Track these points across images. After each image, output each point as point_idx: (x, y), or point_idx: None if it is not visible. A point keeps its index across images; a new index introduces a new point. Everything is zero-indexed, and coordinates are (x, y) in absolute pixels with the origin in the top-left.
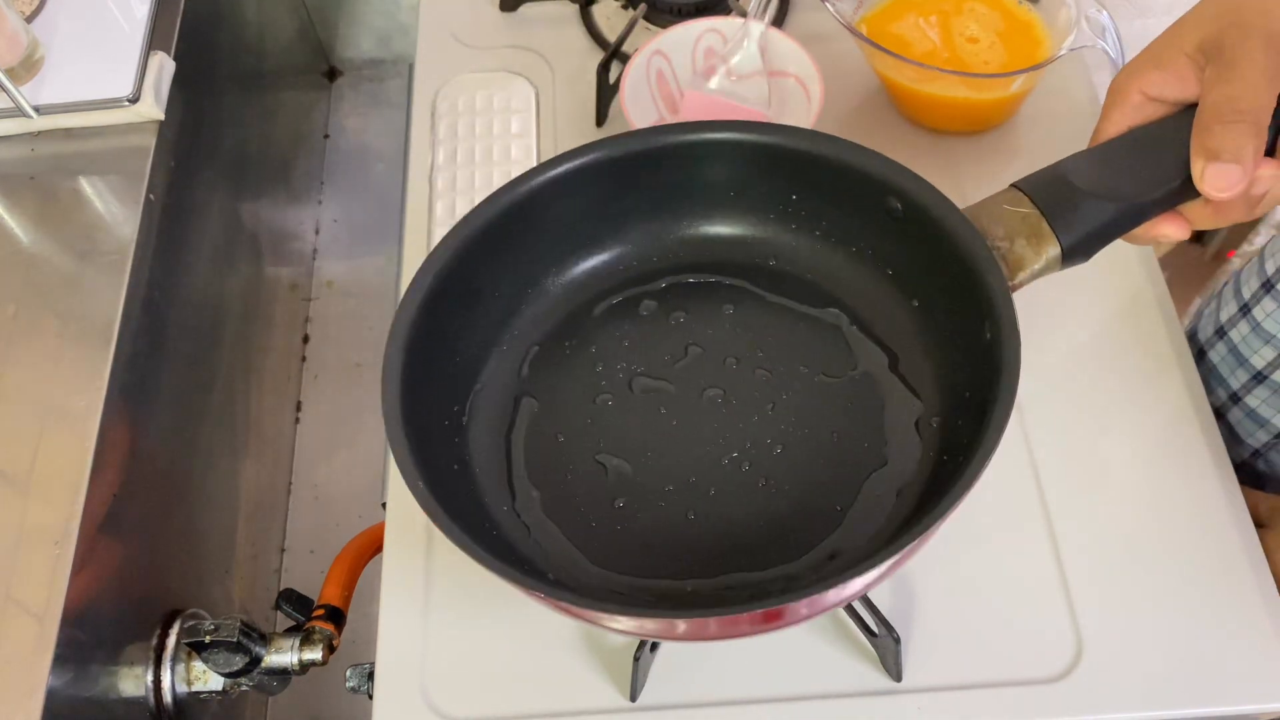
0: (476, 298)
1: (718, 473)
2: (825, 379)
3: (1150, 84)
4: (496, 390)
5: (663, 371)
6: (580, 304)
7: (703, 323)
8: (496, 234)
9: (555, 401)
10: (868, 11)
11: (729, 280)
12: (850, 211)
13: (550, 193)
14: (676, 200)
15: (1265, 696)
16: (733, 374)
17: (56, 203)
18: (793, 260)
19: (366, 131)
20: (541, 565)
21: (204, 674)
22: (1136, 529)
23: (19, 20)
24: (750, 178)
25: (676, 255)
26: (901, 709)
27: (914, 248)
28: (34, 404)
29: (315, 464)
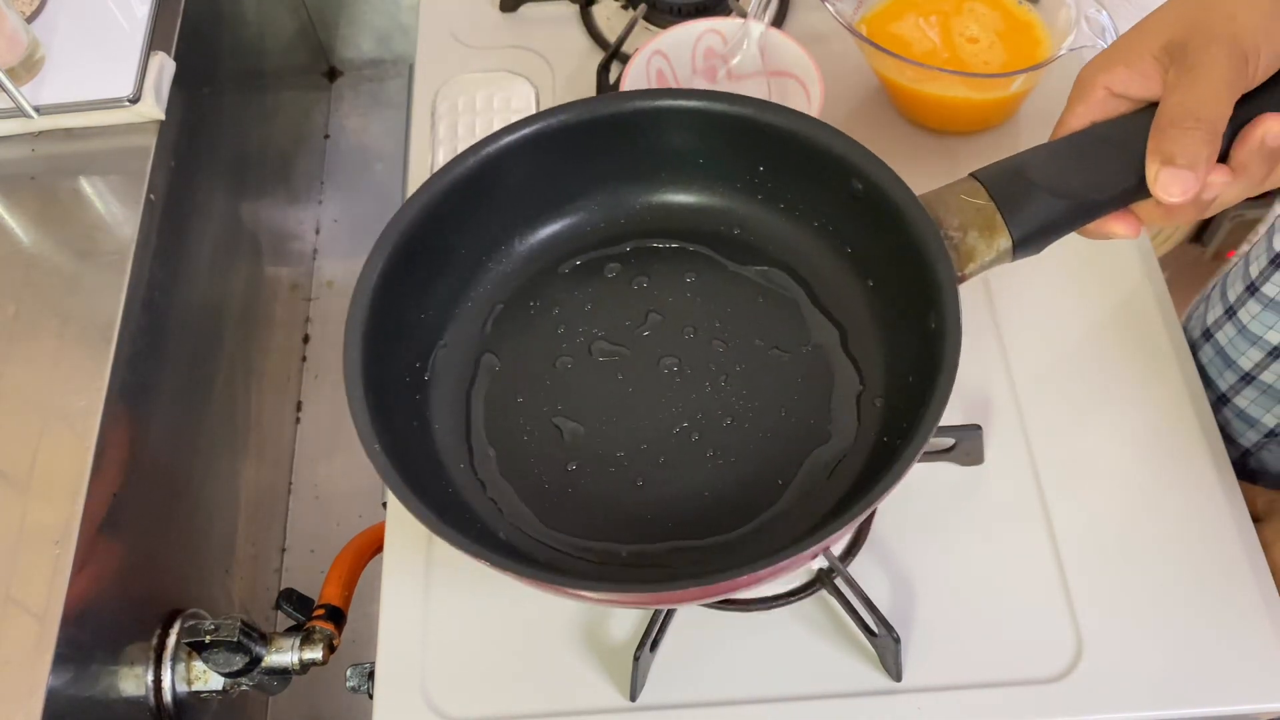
0: (443, 256)
1: (668, 441)
2: (778, 353)
3: (1115, 80)
4: (459, 348)
5: (623, 337)
6: (546, 264)
7: (664, 289)
8: (463, 194)
9: (516, 361)
10: (868, 11)
11: (692, 247)
12: (815, 188)
13: (517, 155)
14: (645, 166)
15: (1265, 696)
16: (690, 344)
17: (57, 203)
18: (756, 231)
19: (367, 131)
20: (494, 524)
21: (204, 674)
22: (1136, 529)
23: (19, 20)
24: (718, 148)
25: (643, 220)
26: (901, 709)
27: (873, 229)
28: (34, 404)
29: (315, 464)
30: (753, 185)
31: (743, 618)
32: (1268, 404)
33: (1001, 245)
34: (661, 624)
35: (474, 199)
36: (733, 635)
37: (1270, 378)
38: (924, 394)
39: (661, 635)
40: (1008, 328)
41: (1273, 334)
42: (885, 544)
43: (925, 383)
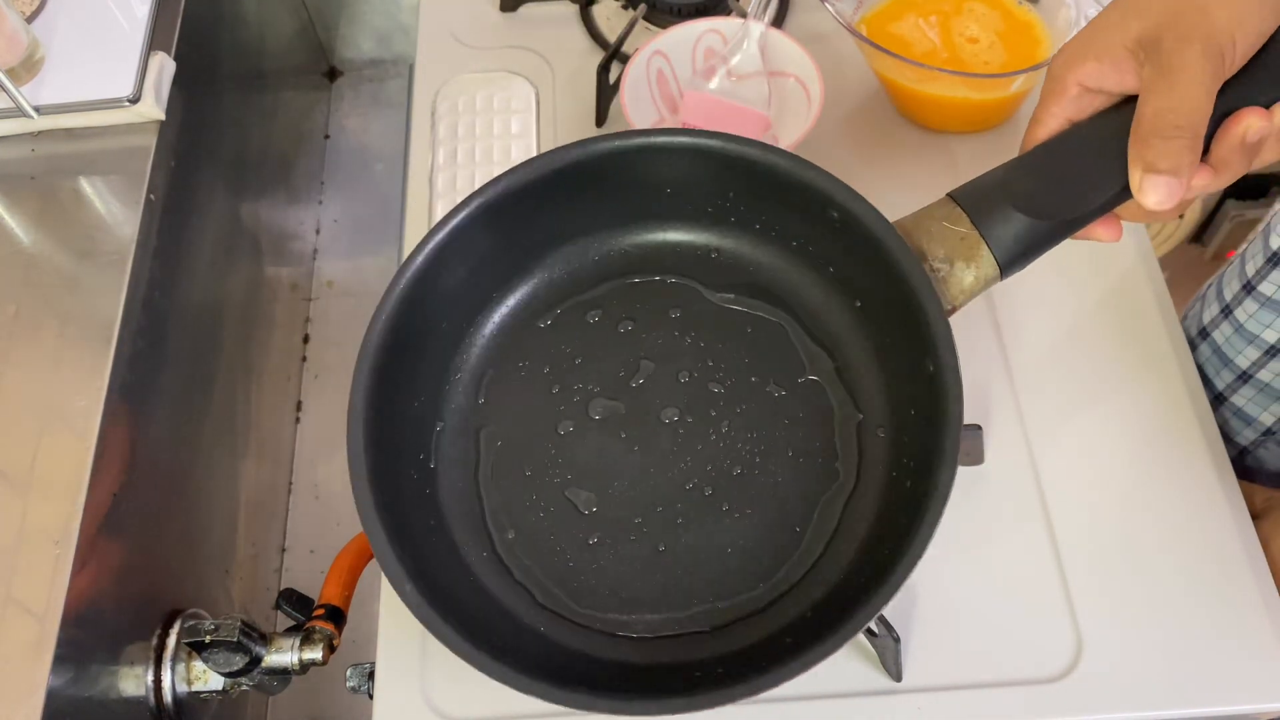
0: (426, 339)
1: (683, 500)
2: (776, 389)
3: (1088, 76)
4: (458, 427)
5: (618, 390)
6: (527, 321)
7: (650, 329)
8: (433, 278)
9: (516, 431)
10: (867, 12)
11: (672, 279)
12: (789, 212)
13: (476, 227)
14: (609, 211)
15: (1265, 696)
16: (686, 390)
17: (57, 203)
18: (733, 253)
19: (367, 132)
20: (530, 617)
21: (204, 674)
22: (1136, 529)
23: (19, 20)
24: (687, 181)
25: (615, 262)
26: (901, 709)
27: (854, 254)
28: (34, 404)
29: (315, 463)
30: (724, 210)
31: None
32: (1265, 402)
33: (988, 274)
34: None
35: (444, 278)
36: None
37: (1267, 376)
38: (931, 450)
39: None
40: (1008, 328)
41: (1270, 333)
42: None
43: (930, 430)
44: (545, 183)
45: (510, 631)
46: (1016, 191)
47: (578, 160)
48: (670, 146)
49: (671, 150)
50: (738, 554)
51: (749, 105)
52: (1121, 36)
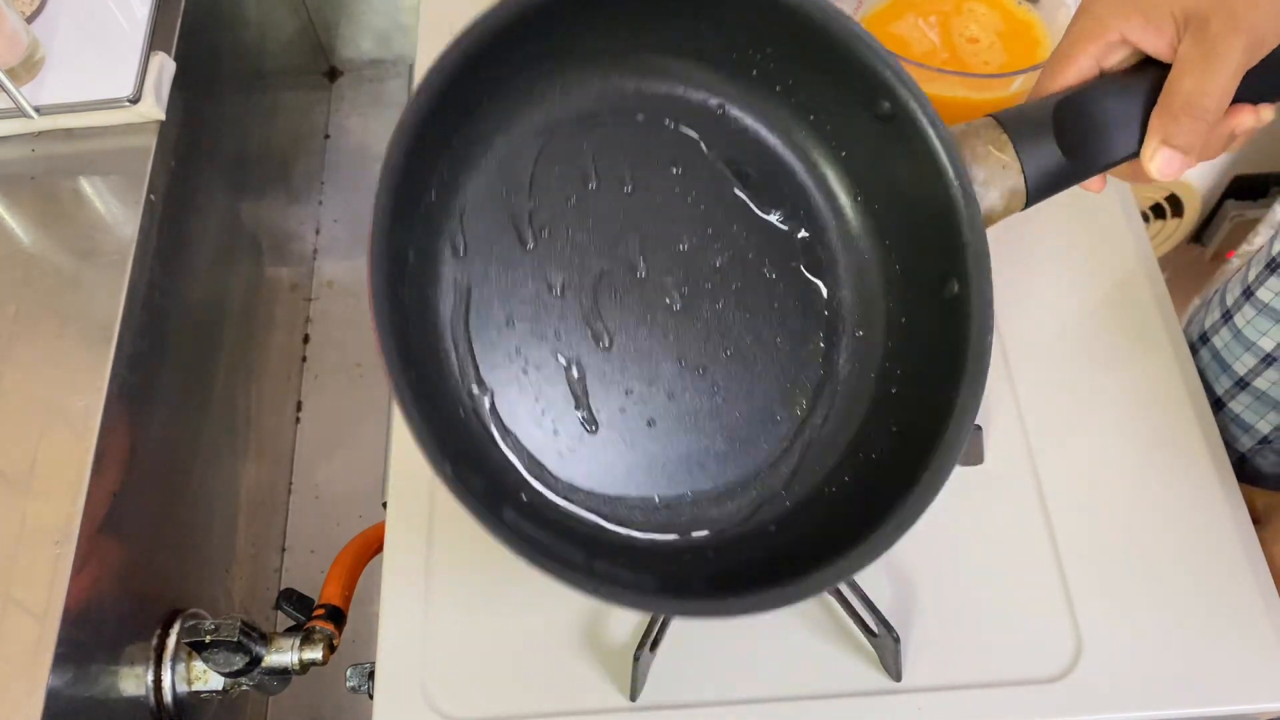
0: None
1: (674, 376)
2: (770, 274)
3: (1132, 30)
4: (433, 272)
5: (612, 252)
6: (520, 148)
7: (651, 185)
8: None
9: (501, 282)
10: (867, 12)
11: (678, 125)
12: (829, 89)
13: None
14: (629, 33)
15: (1265, 696)
16: (685, 260)
17: (57, 203)
18: (741, 120)
19: (367, 132)
20: (512, 480)
21: (204, 673)
22: (1136, 529)
23: (19, 20)
24: (741, 29)
25: (631, 100)
26: (901, 709)
27: (887, 150)
28: (34, 404)
29: (315, 463)
30: (748, 63)
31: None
32: (1262, 410)
33: (1016, 205)
34: (662, 624)
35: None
36: (733, 635)
37: (1264, 384)
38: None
39: (662, 635)
40: (1008, 327)
41: (1266, 340)
42: None
43: (942, 356)
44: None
45: (501, 495)
46: (1060, 130)
47: None
48: None
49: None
50: (725, 440)
51: None
52: (1171, 4)
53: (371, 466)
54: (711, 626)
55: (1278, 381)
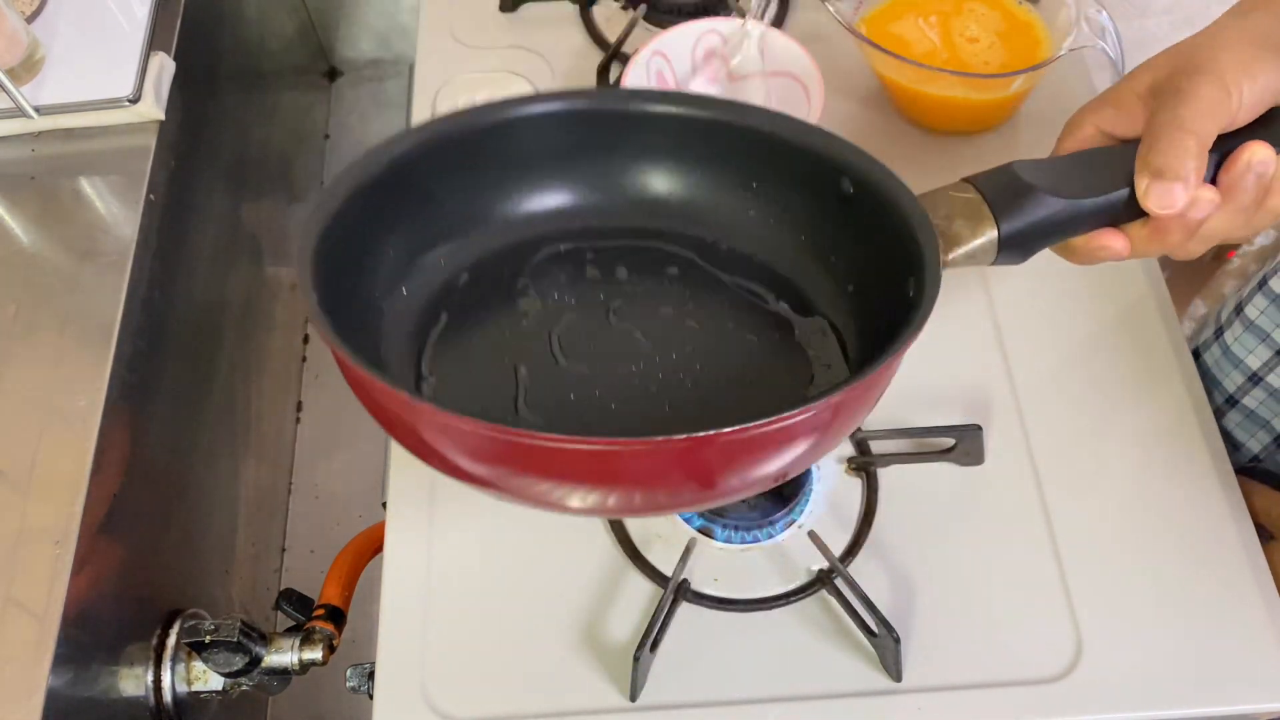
0: (426, 198)
1: (624, 391)
2: (746, 336)
3: (1104, 120)
4: (418, 297)
5: (588, 307)
6: (525, 241)
7: (640, 276)
8: (466, 148)
9: (475, 319)
10: (867, 11)
11: (671, 248)
12: (803, 193)
13: (524, 125)
14: (636, 161)
15: (1265, 696)
16: (663, 322)
17: (57, 203)
18: (737, 239)
19: (367, 132)
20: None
21: (204, 674)
22: (1136, 529)
23: (19, 20)
24: (704, 152)
25: (624, 214)
26: (901, 709)
27: (859, 232)
28: (34, 404)
29: (316, 464)
30: (744, 190)
31: (742, 618)
32: (1251, 429)
33: (987, 234)
34: (662, 624)
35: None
36: (733, 635)
37: (1252, 403)
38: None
39: (662, 635)
40: (1008, 327)
41: (1253, 358)
42: (885, 544)
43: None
44: (600, 117)
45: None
46: (1027, 172)
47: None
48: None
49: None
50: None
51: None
52: (1136, 87)
53: (371, 466)
54: (711, 626)
55: (1265, 401)
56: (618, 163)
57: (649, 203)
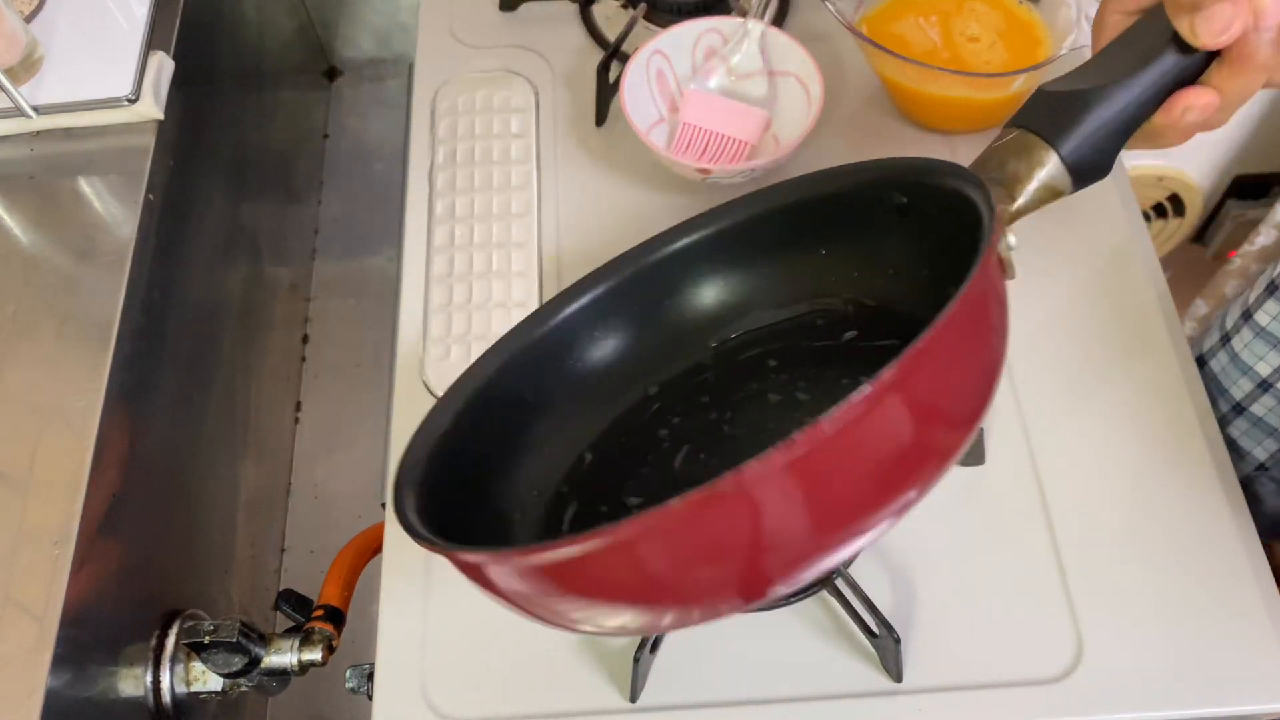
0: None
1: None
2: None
3: (1126, 3)
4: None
5: (701, 429)
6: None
7: (738, 382)
8: (535, 353)
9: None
10: (868, 11)
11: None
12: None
13: (580, 315)
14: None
15: (1265, 697)
16: (774, 409)
17: (56, 203)
18: (807, 282)
19: (366, 131)
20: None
21: (203, 674)
22: (1136, 528)
23: (18, 20)
24: (769, 240)
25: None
26: (902, 709)
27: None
28: (33, 404)
29: (315, 464)
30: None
31: (743, 617)
32: (1258, 436)
33: (1049, 162)
34: None
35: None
36: (733, 635)
37: (1260, 410)
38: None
39: (661, 636)
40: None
41: (1263, 365)
42: (886, 544)
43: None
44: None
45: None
46: (1058, 83)
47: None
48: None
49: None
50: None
51: (749, 105)
52: None
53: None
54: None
55: (1274, 408)
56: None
57: (726, 314)
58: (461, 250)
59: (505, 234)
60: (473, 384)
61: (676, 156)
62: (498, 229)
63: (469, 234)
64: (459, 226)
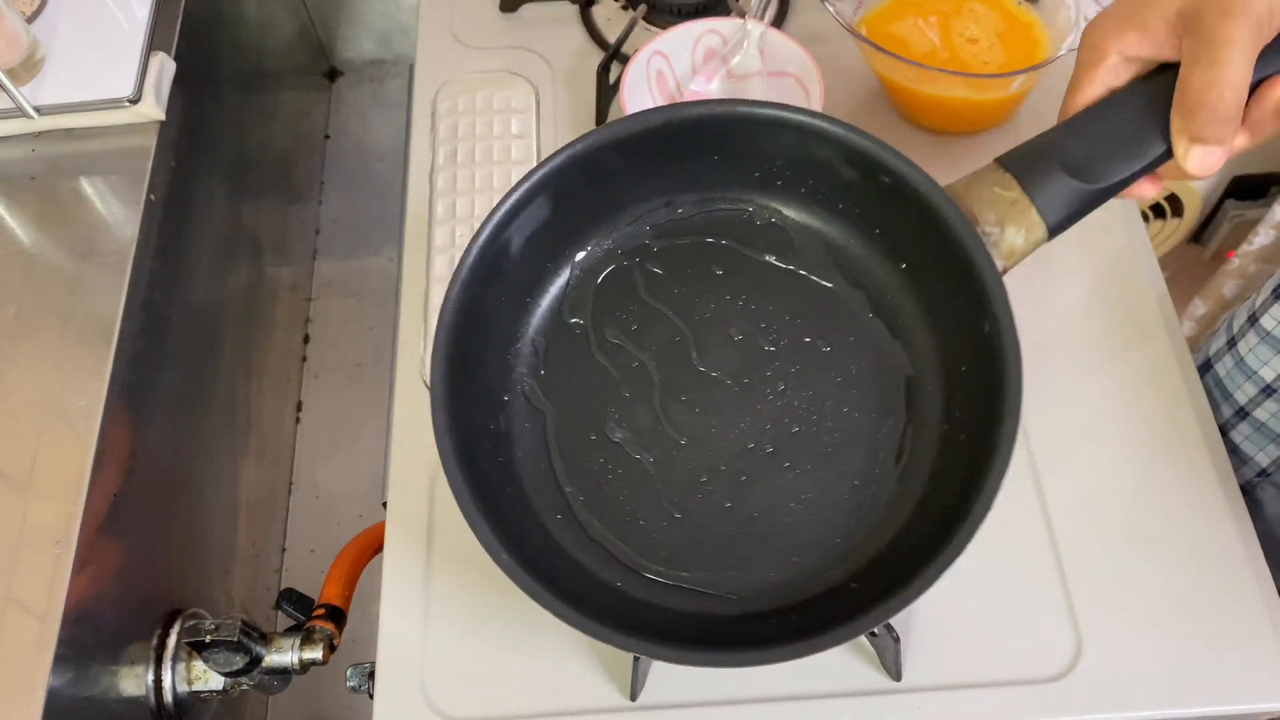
0: (490, 313)
1: (744, 459)
2: (826, 346)
3: (1128, 45)
4: (524, 397)
5: (673, 354)
6: (580, 286)
7: (700, 292)
8: (501, 246)
9: (579, 399)
10: (867, 12)
11: (722, 240)
12: (837, 176)
13: (551, 187)
14: (664, 179)
15: (1265, 696)
16: (740, 349)
17: (57, 203)
18: (780, 217)
19: (367, 132)
20: (605, 571)
21: (204, 673)
22: (1136, 529)
23: (19, 20)
24: (735, 147)
25: (665, 228)
26: (901, 708)
27: (904, 217)
28: (34, 404)
29: (316, 463)
30: (770, 175)
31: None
32: (1261, 442)
33: (1038, 236)
34: None
35: (509, 246)
36: None
37: (1264, 415)
38: (990, 403)
39: None
40: None
41: (1267, 370)
42: None
43: (986, 386)
44: (614, 147)
45: (591, 588)
46: (1064, 156)
47: (644, 129)
48: (719, 115)
49: (719, 119)
50: (802, 508)
51: None
52: (1161, 11)
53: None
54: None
55: (1277, 413)
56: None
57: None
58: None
59: None
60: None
61: None
62: None
63: (470, 235)
64: (459, 227)
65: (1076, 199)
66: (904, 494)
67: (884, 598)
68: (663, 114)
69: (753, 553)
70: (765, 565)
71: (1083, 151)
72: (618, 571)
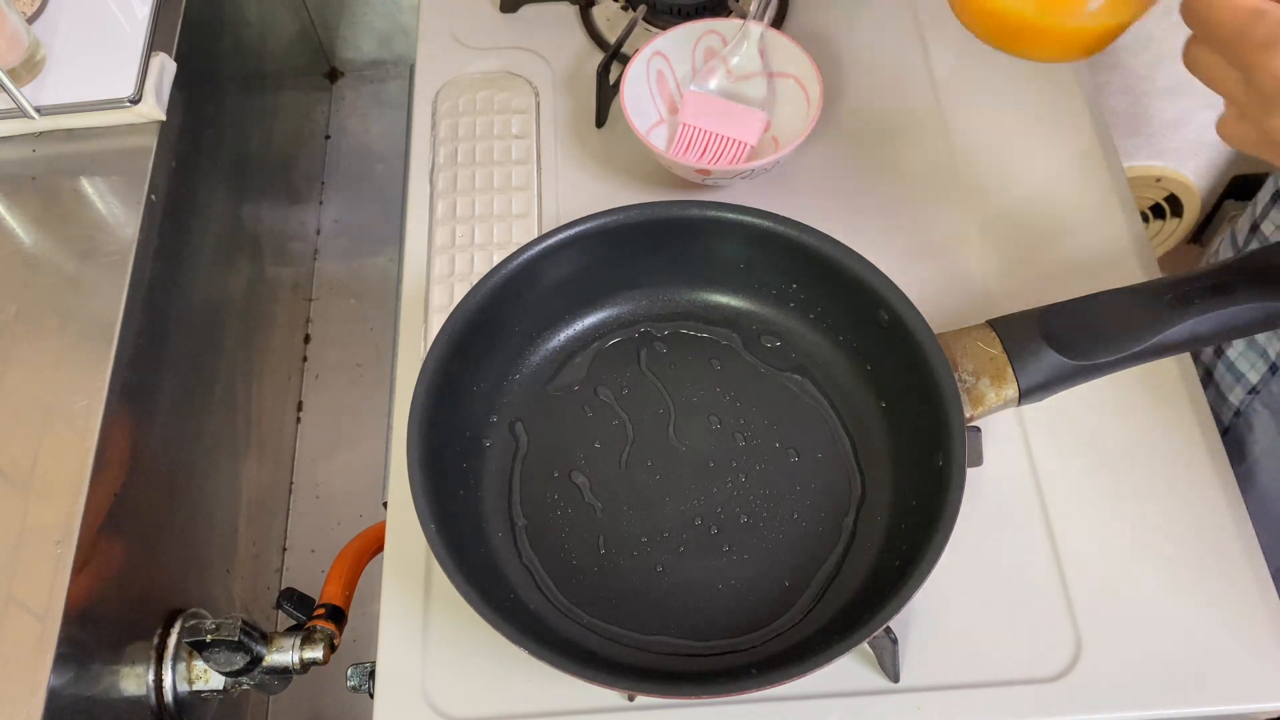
0: (499, 333)
1: (687, 531)
2: (794, 456)
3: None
4: (508, 420)
5: (652, 423)
6: (586, 345)
7: (694, 377)
8: (520, 282)
9: (555, 438)
10: None
11: (724, 339)
12: (842, 306)
13: (570, 249)
14: (688, 267)
15: (1265, 696)
16: (714, 436)
17: (58, 203)
18: (787, 332)
19: (367, 132)
20: (526, 594)
21: (205, 673)
22: (1135, 528)
23: (20, 21)
24: (759, 258)
25: (680, 311)
26: (900, 708)
27: (893, 354)
28: (35, 404)
29: (316, 463)
30: (787, 294)
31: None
32: (1252, 358)
33: (1009, 394)
34: None
35: (530, 287)
36: None
37: (1262, 336)
38: (926, 529)
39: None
40: None
41: (1253, 374)
42: None
43: (928, 516)
44: (641, 229)
45: (508, 600)
46: (1049, 330)
47: (678, 218)
48: (746, 226)
49: (747, 229)
50: (728, 593)
51: (749, 106)
52: None
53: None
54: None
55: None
56: (665, 267)
57: (696, 302)
58: (462, 251)
59: (506, 234)
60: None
61: (676, 158)
62: (498, 230)
63: (470, 235)
64: (460, 227)
65: (1054, 370)
66: (825, 607)
67: (780, 681)
68: (736, 213)
69: (666, 620)
70: (674, 634)
71: (1068, 329)
72: (536, 596)
